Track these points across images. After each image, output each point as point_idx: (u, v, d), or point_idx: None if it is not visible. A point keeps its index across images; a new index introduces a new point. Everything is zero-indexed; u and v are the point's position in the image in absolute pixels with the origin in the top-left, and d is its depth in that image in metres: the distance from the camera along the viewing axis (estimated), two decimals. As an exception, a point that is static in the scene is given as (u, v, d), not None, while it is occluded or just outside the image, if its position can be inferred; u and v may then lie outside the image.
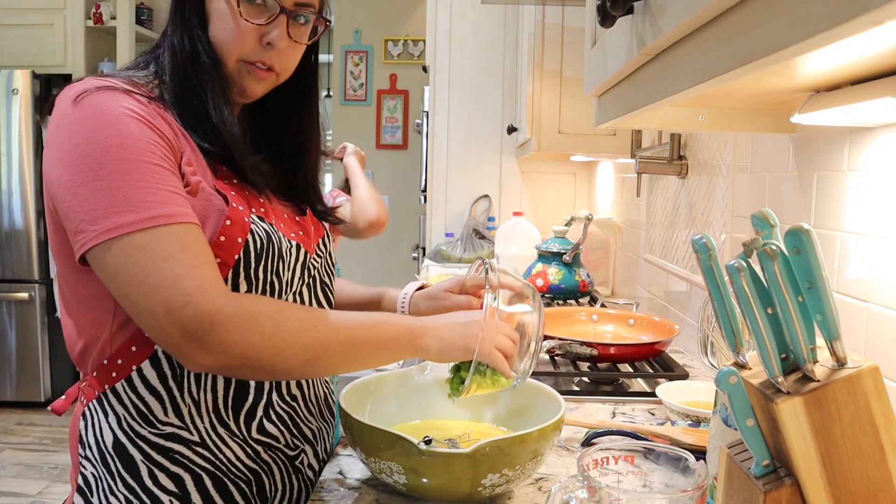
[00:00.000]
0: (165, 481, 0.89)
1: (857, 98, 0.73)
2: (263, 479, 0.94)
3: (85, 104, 0.83)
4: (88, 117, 0.82)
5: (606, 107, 1.01)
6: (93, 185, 0.80)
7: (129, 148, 0.81)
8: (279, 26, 0.94)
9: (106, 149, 0.81)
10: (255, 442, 0.93)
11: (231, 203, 0.88)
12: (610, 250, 2.56)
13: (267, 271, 0.92)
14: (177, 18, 0.94)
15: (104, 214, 0.79)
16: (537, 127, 2.27)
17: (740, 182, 1.39)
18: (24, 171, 4.17)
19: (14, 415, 4.11)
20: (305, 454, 1.00)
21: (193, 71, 0.92)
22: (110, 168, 0.80)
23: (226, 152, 0.92)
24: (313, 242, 1.04)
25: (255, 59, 0.94)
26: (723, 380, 0.63)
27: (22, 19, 4.35)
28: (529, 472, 0.90)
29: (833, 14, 0.38)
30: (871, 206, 0.95)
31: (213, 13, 0.93)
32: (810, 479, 0.60)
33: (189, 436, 0.90)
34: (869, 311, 0.95)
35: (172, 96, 0.92)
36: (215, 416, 0.91)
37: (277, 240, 0.93)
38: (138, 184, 0.80)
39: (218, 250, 0.86)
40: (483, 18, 3.16)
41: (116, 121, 0.82)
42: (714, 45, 0.56)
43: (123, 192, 0.79)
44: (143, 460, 0.89)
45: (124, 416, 0.89)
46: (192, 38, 0.92)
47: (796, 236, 0.59)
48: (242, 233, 0.88)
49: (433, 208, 3.26)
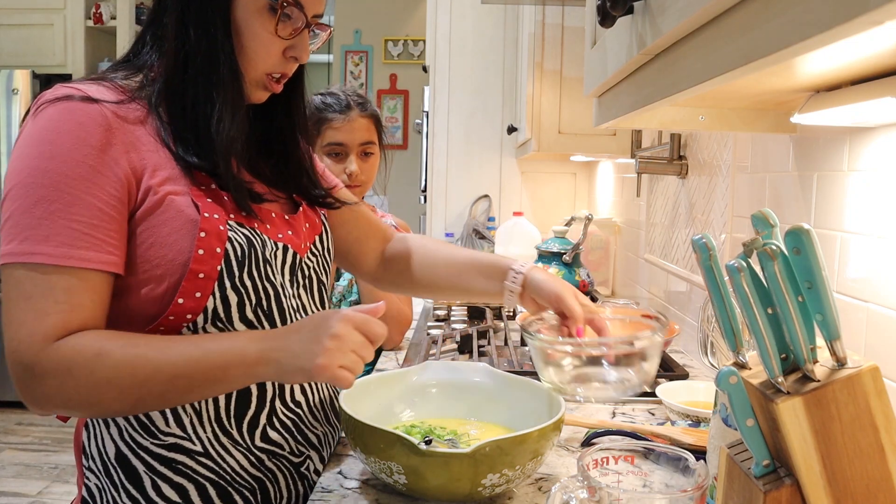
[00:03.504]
0: (169, 492, 0.88)
1: (857, 98, 0.73)
2: (268, 487, 0.93)
3: (39, 117, 0.83)
4: (34, 132, 0.82)
5: (606, 107, 1.01)
6: (8, 204, 0.81)
7: (54, 173, 0.80)
8: (303, 39, 0.93)
9: (32, 169, 0.81)
10: (258, 450, 0.92)
11: (203, 213, 0.85)
12: (610, 250, 2.56)
13: (254, 278, 0.90)
14: (194, 25, 0.88)
15: (7, 237, 0.81)
16: (537, 127, 2.27)
17: (740, 182, 1.39)
18: (24, 171, 4.17)
19: (14, 415, 4.11)
20: (311, 460, 0.99)
21: (207, 81, 0.88)
22: (26, 191, 0.80)
23: (213, 168, 0.89)
24: (306, 241, 1.02)
25: (277, 71, 0.93)
26: (723, 380, 0.63)
27: (22, 19, 4.35)
28: (529, 472, 0.90)
29: (833, 14, 0.38)
30: (871, 206, 0.95)
31: (241, 24, 0.89)
32: (810, 479, 0.60)
33: (191, 446, 0.89)
34: (869, 311, 0.95)
35: (166, 103, 0.89)
36: (217, 425, 0.90)
37: (260, 243, 0.91)
38: (45, 214, 0.80)
39: (199, 265, 0.84)
40: (483, 18, 3.16)
41: (55, 140, 0.81)
42: (714, 45, 0.56)
43: (26, 219, 0.80)
44: (146, 471, 0.88)
45: (125, 427, 0.89)
46: (214, 48, 0.88)
47: (796, 236, 0.59)
48: (220, 242, 0.86)
49: (433, 208, 3.26)
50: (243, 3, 0.88)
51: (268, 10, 0.89)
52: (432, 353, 1.61)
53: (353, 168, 1.59)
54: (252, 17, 0.89)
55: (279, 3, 0.88)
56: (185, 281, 0.84)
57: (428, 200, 3.29)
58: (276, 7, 0.88)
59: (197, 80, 0.88)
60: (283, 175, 1.03)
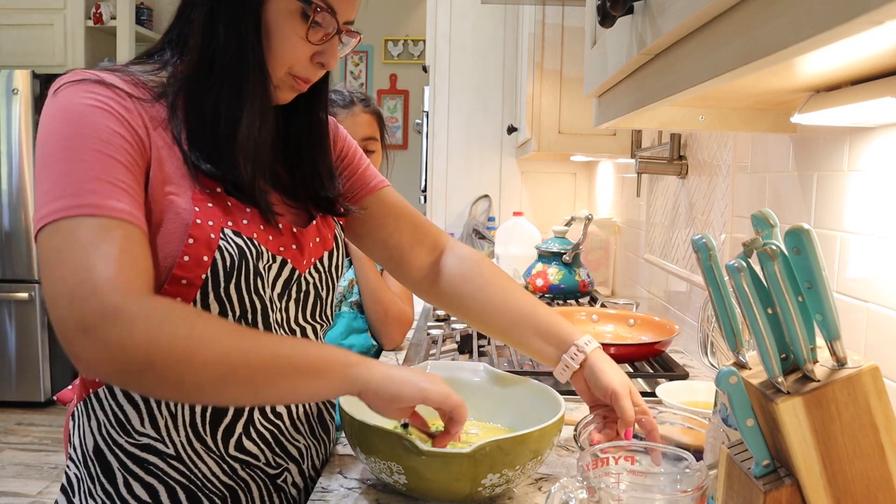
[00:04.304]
0: (140, 491, 0.88)
1: (857, 98, 0.73)
2: (240, 496, 0.92)
3: (58, 95, 0.82)
4: (56, 109, 0.81)
5: (606, 107, 1.01)
6: (43, 173, 0.78)
7: (81, 136, 0.79)
8: (333, 46, 0.91)
9: (60, 137, 0.79)
10: (232, 459, 0.91)
11: (195, 219, 0.83)
12: (610, 250, 2.56)
13: (241, 289, 0.86)
14: (224, 23, 0.85)
15: (46, 201, 0.77)
16: (537, 127, 2.27)
17: (740, 182, 1.39)
18: (24, 171, 4.17)
19: (14, 415, 4.11)
20: (289, 472, 0.97)
21: (234, 84, 0.86)
22: (58, 156, 0.78)
23: (226, 176, 0.86)
24: (311, 257, 0.97)
25: (302, 75, 0.90)
26: (723, 380, 0.63)
27: (22, 19, 4.36)
28: (529, 472, 0.90)
29: (833, 14, 0.38)
30: (871, 206, 0.95)
31: (271, 25, 0.86)
32: (810, 479, 0.60)
33: (164, 448, 0.88)
34: (869, 311, 0.95)
35: (185, 103, 0.87)
36: (192, 430, 0.88)
37: (255, 255, 0.87)
38: (80, 172, 0.77)
39: (182, 271, 0.82)
40: (483, 18, 3.16)
41: (77, 110, 0.80)
42: (714, 45, 0.56)
43: (65, 180, 0.77)
44: (120, 468, 0.88)
45: (104, 423, 0.89)
46: (244, 49, 0.86)
47: (796, 236, 0.59)
48: (208, 251, 0.83)
49: (433, 208, 3.26)
50: (275, 5, 0.86)
51: (300, 14, 0.87)
52: (432, 353, 1.61)
53: None
54: (283, 19, 0.86)
55: (312, 9, 0.86)
56: (167, 285, 0.82)
57: (428, 200, 3.29)
58: (308, 13, 0.87)
59: (223, 81, 0.86)
60: (298, 181, 1.00)
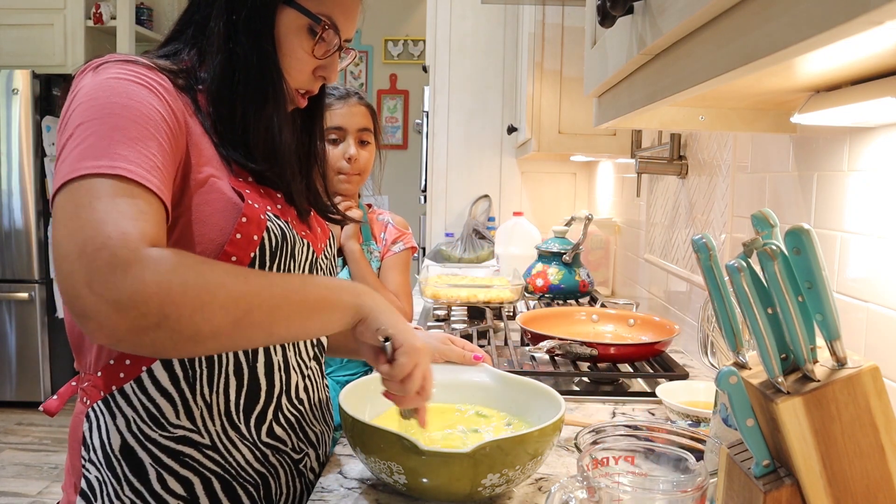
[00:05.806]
0: (174, 485, 0.88)
1: (857, 98, 0.73)
2: (270, 483, 0.95)
3: (102, 70, 0.83)
4: (101, 81, 0.82)
5: (606, 107, 1.01)
6: (76, 138, 0.77)
7: (126, 107, 0.79)
8: (334, 61, 0.96)
9: (103, 105, 0.79)
10: (264, 445, 0.94)
11: (247, 200, 0.88)
12: (610, 250, 2.56)
13: (281, 271, 0.92)
14: (245, 34, 0.90)
15: (74, 160, 0.75)
16: (537, 127, 2.27)
17: (740, 182, 1.39)
18: (24, 171, 4.17)
19: (14, 415, 4.11)
20: (309, 457, 1.01)
21: (259, 93, 0.91)
22: (97, 123, 0.77)
23: (273, 170, 0.94)
24: (321, 242, 1.05)
25: (304, 88, 0.97)
26: (723, 380, 0.63)
27: (22, 19, 4.35)
28: (529, 472, 0.90)
29: (833, 14, 0.38)
30: (871, 206, 0.95)
31: (282, 40, 0.92)
32: (810, 479, 0.60)
33: (200, 439, 0.89)
34: (869, 311, 0.95)
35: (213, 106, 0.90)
36: (227, 419, 0.91)
37: (292, 238, 0.94)
38: (117, 138, 0.77)
39: (233, 248, 0.86)
40: (483, 18, 3.16)
41: (123, 84, 0.82)
42: (714, 45, 0.56)
43: (101, 142, 0.76)
44: (152, 463, 0.88)
45: (133, 419, 0.88)
46: (265, 60, 0.91)
47: (796, 236, 0.59)
48: (259, 230, 0.88)
49: (433, 208, 3.26)
50: (286, 21, 0.91)
51: (307, 30, 0.92)
52: (432, 353, 1.61)
53: (352, 151, 1.63)
54: (292, 34, 0.92)
55: (320, 26, 0.92)
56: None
57: (428, 200, 3.29)
58: (316, 30, 0.92)
59: (247, 91, 0.91)
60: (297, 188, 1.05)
